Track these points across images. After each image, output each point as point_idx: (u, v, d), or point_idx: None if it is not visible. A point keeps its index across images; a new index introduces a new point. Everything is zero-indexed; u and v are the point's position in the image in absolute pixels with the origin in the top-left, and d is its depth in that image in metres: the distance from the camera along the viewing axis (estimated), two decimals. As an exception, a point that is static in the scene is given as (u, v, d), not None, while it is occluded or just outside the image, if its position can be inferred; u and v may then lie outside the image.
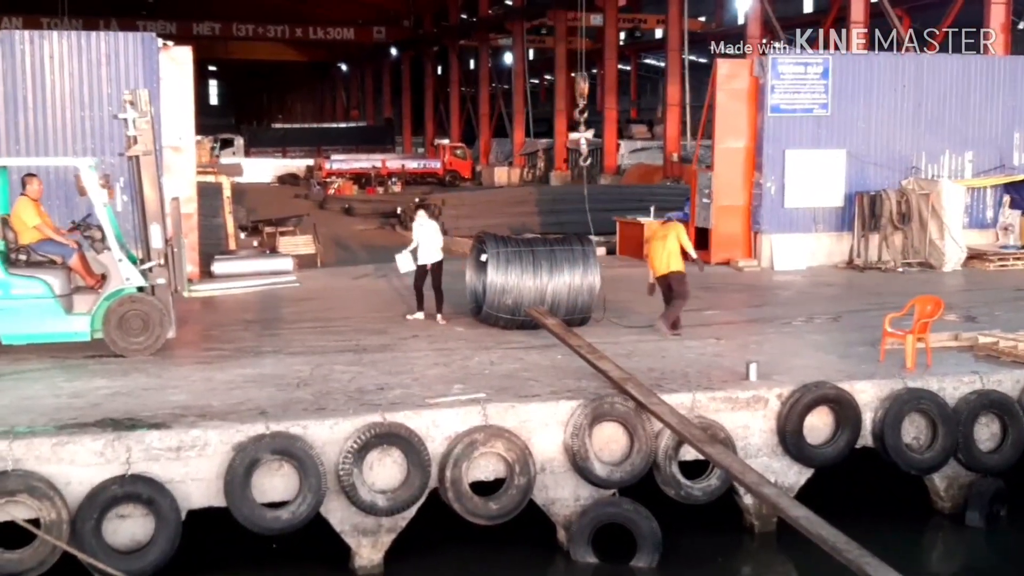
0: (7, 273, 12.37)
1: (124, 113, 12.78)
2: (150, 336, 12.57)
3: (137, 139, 12.71)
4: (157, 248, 12.73)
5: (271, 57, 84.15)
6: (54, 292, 12.41)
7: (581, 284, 14.20)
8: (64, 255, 12.80)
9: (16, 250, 12.65)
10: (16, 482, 8.85)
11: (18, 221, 12.79)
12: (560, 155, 53.20)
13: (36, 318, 12.34)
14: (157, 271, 12.73)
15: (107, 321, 12.45)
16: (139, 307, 12.55)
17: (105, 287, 12.59)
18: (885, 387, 11.44)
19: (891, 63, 22.07)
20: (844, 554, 8.09)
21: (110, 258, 12.62)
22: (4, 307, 12.25)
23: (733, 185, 21.39)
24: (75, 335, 12.54)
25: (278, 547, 10.22)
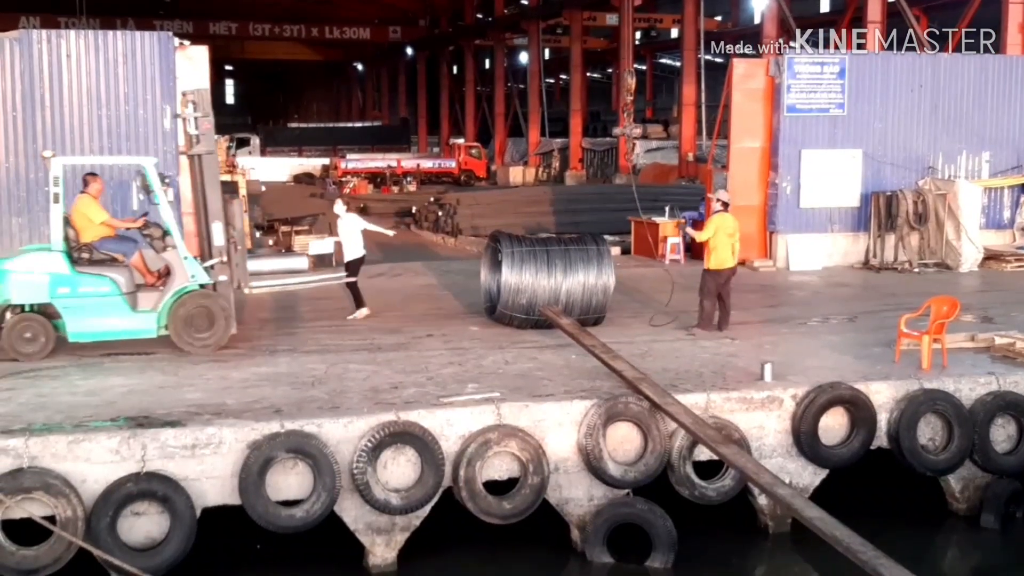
0: (74, 271, 12.44)
1: (184, 112, 12.89)
2: (214, 333, 12.72)
3: (199, 138, 12.84)
4: (219, 246, 12.85)
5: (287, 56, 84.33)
6: (120, 289, 12.53)
7: (596, 284, 14.18)
8: (125, 252, 12.94)
9: (78, 248, 12.73)
10: (32, 479, 8.89)
11: (81, 219, 12.86)
12: (575, 155, 53.17)
13: (103, 315, 12.46)
14: (219, 268, 12.86)
15: (174, 318, 12.60)
16: (204, 304, 12.68)
17: (169, 284, 12.70)
18: (901, 388, 11.40)
19: (908, 63, 21.98)
20: (859, 555, 8.06)
21: (174, 256, 12.74)
22: (72, 305, 12.34)
23: (749, 185, 21.33)
24: (141, 332, 12.67)
25: (292, 545, 10.24)
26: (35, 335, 12.32)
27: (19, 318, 12.32)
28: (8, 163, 17.32)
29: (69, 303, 12.33)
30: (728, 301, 14.29)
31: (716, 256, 14.11)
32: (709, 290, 14.12)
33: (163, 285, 12.82)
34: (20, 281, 12.30)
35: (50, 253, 12.44)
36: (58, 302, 12.32)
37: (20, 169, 17.37)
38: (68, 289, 12.33)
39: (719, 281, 14.13)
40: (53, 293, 12.30)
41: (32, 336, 12.31)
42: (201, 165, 12.95)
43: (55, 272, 12.32)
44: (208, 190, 12.89)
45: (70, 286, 12.35)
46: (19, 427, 9.40)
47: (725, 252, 14.14)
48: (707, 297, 14.14)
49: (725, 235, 14.14)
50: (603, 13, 55.74)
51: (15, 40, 17.33)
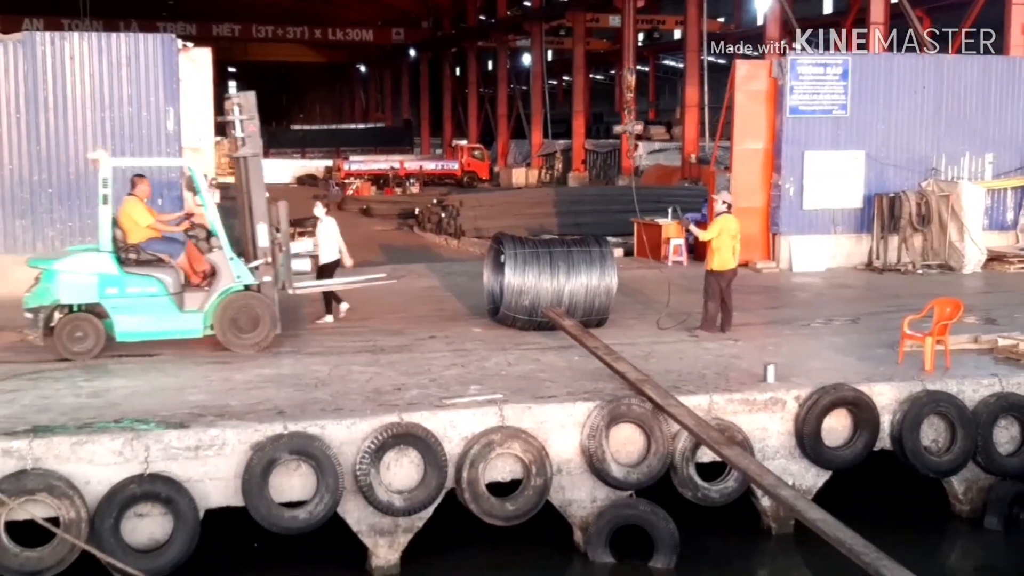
0: (122, 272, 12.57)
1: (231, 116, 13.02)
2: (260, 333, 12.86)
3: (245, 141, 12.97)
4: (263, 247, 12.97)
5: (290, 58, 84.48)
6: (168, 290, 12.67)
7: (598, 285, 14.18)
8: (172, 253, 13.06)
9: (125, 249, 12.85)
10: (36, 481, 8.91)
11: (128, 220, 13.01)
12: (578, 156, 53.17)
13: (150, 315, 12.62)
14: (263, 269, 12.96)
15: (220, 318, 12.74)
16: (250, 304, 12.83)
17: (215, 285, 12.82)
18: (904, 389, 11.39)
19: (911, 64, 21.97)
20: (861, 557, 8.06)
21: (220, 256, 12.88)
22: (120, 305, 12.50)
23: (751, 186, 21.32)
24: (188, 332, 12.81)
25: (295, 547, 10.25)
26: (85, 335, 12.47)
27: (69, 318, 12.46)
28: (12, 165, 17.34)
29: (117, 303, 12.49)
30: (730, 302, 14.30)
31: (719, 257, 14.11)
32: (713, 292, 14.12)
33: (208, 286, 12.94)
34: (69, 281, 12.43)
35: (98, 254, 12.59)
36: (107, 302, 12.48)
37: (24, 171, 17.39)
38: (116, 289, 12.50)
39: (722, 283, 14.13)
40: (102, 293, 12.46)
41: (82, 336, 12.46)
42: (247, 167, 13.10)
43: (104, 272, 12.48)
44: (253, 192, 13.04)
45: (118, 286, 12.51)
46: (23, 428, 9.41)
47: (728, 253, 14.15)
48: (711, 299, 14.14)
49: (728, 236, 14.14)
50: (606, 15, 55.74)
51: (19, 42, 17.35)
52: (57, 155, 17.49)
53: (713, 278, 14.12)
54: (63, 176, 17.55)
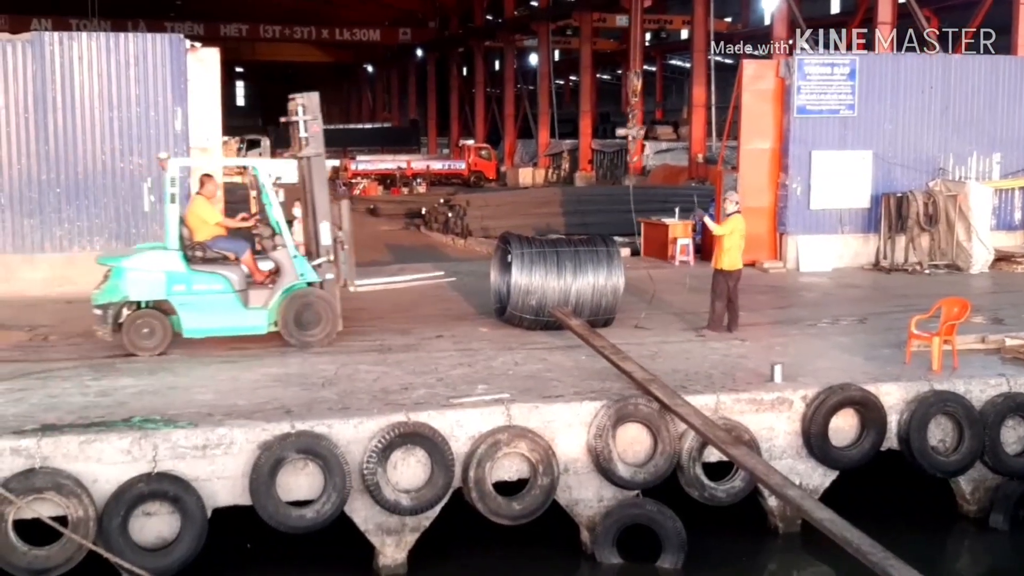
0: (189, 269, 12.80)
1: (295, 116, 13.22)
2: (323, 329, 13.09)
3: (308, 141, 13.19)
4: (326, 245, 13.21)
5: (297, 58, 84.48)
6: (233, 287, 12.93)
7: (605, 285, 14.19)
8: (237, 251, 13.27)
9: (192, 247, 13.05)
10: (44, 479, 8.93)
11: (195, 219, 13.25)
12: (585, 156, 53.15)
13: (216, 312, 12.87)
14: (326, 267, 13.19)
15: (284, 315, 12.98)
16: (313, 301, 13.08)
17: (279, 282, 13.04)
18: (911, 389, 11.38)
19: (919, 64, 21.94)
20: (868, 556, 8.06)
21: (284, 254, 13.09)
22: (187, 302, 12.75)
23: (758, 186, 21.31)
24: (252, 328, 13.04)
25: (303, 546, 10.27)
26: (152, 331, 12.69)
27: (137, 314, 12.69)
28: (20, 164, 17.39)
29: (184, 300, 12.74)
30: (737, 302, 14.29)
31: (730, 257, 14.10)
32: (720, 291, 14.11)
33: (272, 283, 13.14)
34: (137, 278, 12.66)
35: (166, 251, 12.83)
36: (174, 299, 12.72)
37: (32, 171, 17.45)
38: (183, 286, 12.75)
39: (730, 283, 14.12)
40: (169, 290, 12.70)
41: (150, 332, 12.69)
42: (310, 167, 13.32)
43: (171, 270, 12.72)
44: (316, 191, 13.26)
45: (185, 283, 12.76)
46: (31, 427, 9.44)
47: (738, 253, 14.15)
48: (719, 299, 14.13)
49: (739, 236, 14.15)
50: (613, 14, 55.69)
51: (27, 42, 17.41)
52: (65, 155, 17.55)
53: (722, 277, 14.11)
54: (71, 176, 17.61)
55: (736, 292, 14.24)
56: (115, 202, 17.83)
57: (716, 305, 14.17)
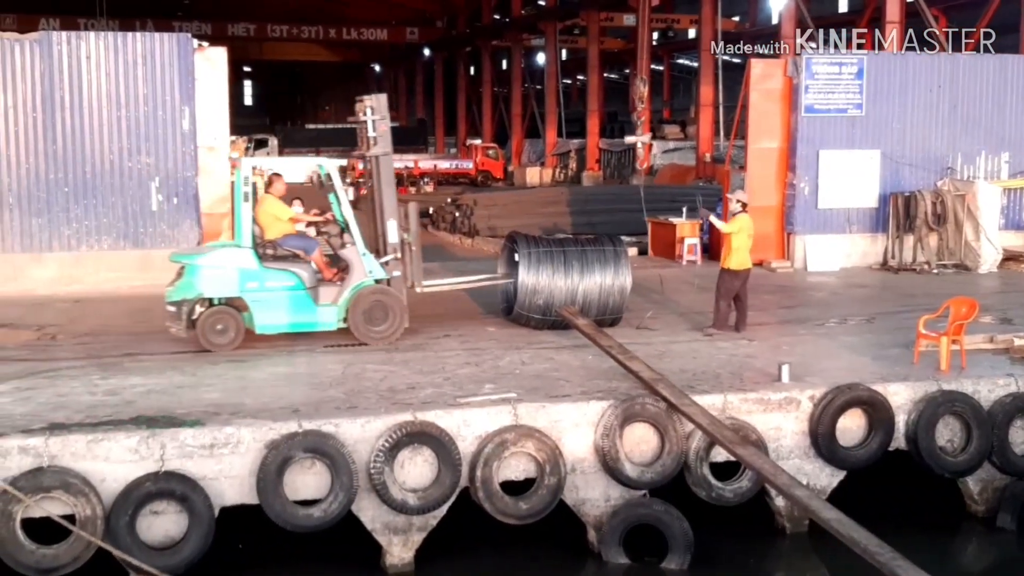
0: (262, 267, 13.04)
1: (364, 116, 13.46)
2: (391, 325, 13.34)
3: (377, 140, 13.43)
4: (393, 243, 13.44)
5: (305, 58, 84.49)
6: (304, 284, 13.22)
7: (612, 285, 14.18)
8: (307, 249, 13.50)
9: (263, 245, 13.29)
10: (52, 478, 8.94)
11: (266, 216, 13.45)
12: (592, 155, 53.11)
13: (288, 309, 13.16)
14: (393, 264, 13.41)
15: (353, 311, 13.25)
16: (382, 298, 13.37)
17: (348, 279, 13.31)
18: (919, 389, 11.36)
19: (927, 63, 21.88)
20: (876, 557, 8.04)
21: (353, 252, 13.39)
22: (260, 299, 13.02)
23: (766, 185, 21.29)
24: (323, 325, 13.33)
25: (309, 545, 10.28)
26: (226, 327, 12.90)
27: (212, 311, 12.91)
28: (28, 164, 17.44)
29: (257, 297, 13.00)
30: (746, 302, 14.26)
31: (738, 257, 14.07)
32: (727, 291, 14.08)
33: (341, 280, 13.37)
34: (212, 276, 12.91)
35: (239, 249, 13.05)
36: (247, 296, 12.98)
37: (40, 170, 17.49)
38: (256, 284, 13.01)
39: (737, 282, 14.09)
40: (242, 287, 12.95)
41: (223, 328, 12.90)
42: (378, 166, 13.56)
43: (244, 268, 12.97)
44: (384, 189, 13.50)
45: (258, 281, 13.02)
46: (39, 426, 9.46)
47: (746, 253, 14.12)
48: (724, 298, 14.11)
49: (746, 236, 14.12)
50: (620, 14, 55.63)
51: (35, 41, 17.47)
52: (73, 154, 17.60)
53: (729, 277, 14.08)
54: (79, 175, 17.66)
55: (745, 292, 14.22)
56: (123, 201, 17.87)
57: (720, 304, 14.15)
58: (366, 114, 13.51)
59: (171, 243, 18.01)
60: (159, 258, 17.82)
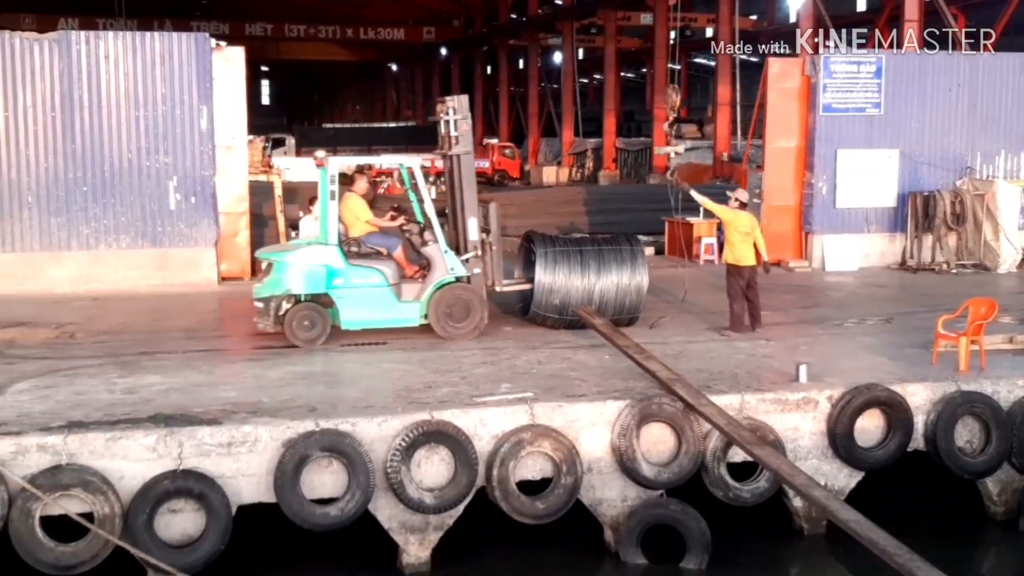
0: (348, 264, 13.31)
1: (445, 116, 13.69)
2: (471, 322, 13.55)
3: (458, 139, 13.65)
4: (473, 240, 13.62)
5: (322, 57, 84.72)
6: (388, 281, 13.48)
7: (629, 284, 14.16)
8: (390, 247, 13.78)
9: (347, 242, 13.57)
10: (70, 476, 8.98)
11: (349, 215, 13.76)
12: (609, 155, 53.07)
13: (372, 305, 13.44)
14: (473, 262, 13.60)
15: (435, 308, 13.49)
16: (463, 295, 13.58)
17: (430, 276, 13.60)
18: (938, 390, 11.30)
19: (945, 62, 21.75)
20: (895, 558, 8.01)
21: (435, 250, 13.61)
22: (345, 295, 13.29)
23: (784, 185, 21.23)
24: (405, 321, 13.62)
25: (326, 544, 10.30)
26: (312, 323, 13.17)
27: (299, 307, 13.17)
28: (47, 163, 17.52)
29: (343, 293, 13.28)
30: (757, 301, 14.18)
31: (732, 252, 14.06)
32: (734, 290, 14.02)
33: (422, 277, 13.65)
34: (300, 273, 13.18)
35: (326, 247, 13.34)
36: (333, 292, 13.26)
37: (59, 169, 17.57)
38: (342, 280, 13.29)
39: (740, 280, 14.02)
40: (329, 284, 13.23)
41: (310, 324, 13.16)
42: (459, 165, 13.79)
43: (331, 265, 13.23)
44: (465, 188, 13.72)
45: (344, 278, 13.30)
46: (58, 424, 9.50)
47: (741, 249, 14.02)
48: (734, 298, 14.04)
49: (738, 232, 14.03)
50: (637, 13, 55.61)
51: (54, 41, 17.55)
52: (92, 153, 17.67)
53: (730, 274, 14.04)
54: (98, 174, 17.73)
55: (754, 291, 14.14)
56: (141, 200, 17.94)
57: (733, 305, 14.08)
58: (447, 114, 13.71)
59: (188, 242, 18.11)
60: (177, 257, 18.05)
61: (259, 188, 21.73)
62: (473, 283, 13.69)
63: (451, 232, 13.95)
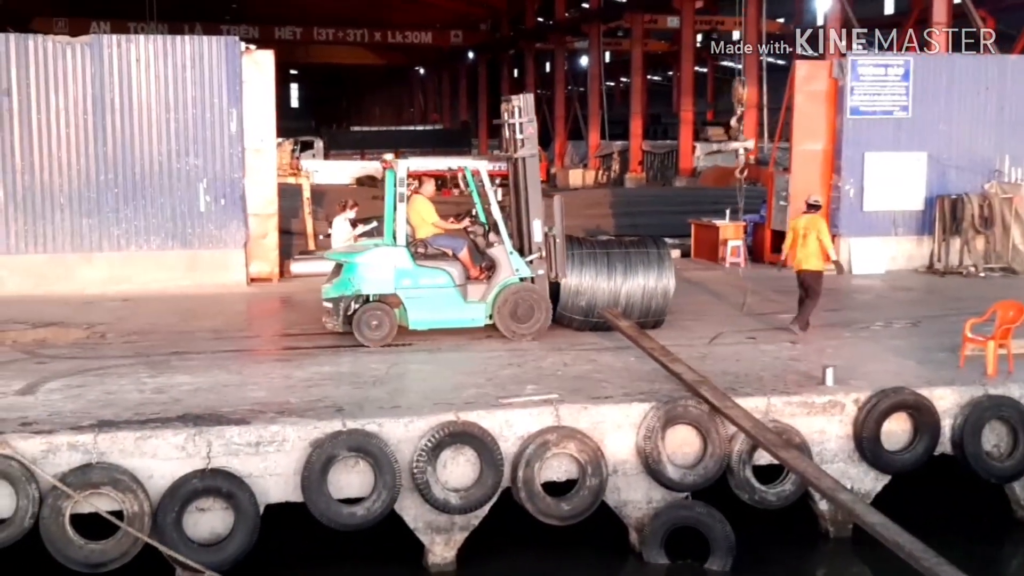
0: (415, 265, 13.55)
1: (512, 119, 13.82)
2: (536, 322, 13.71)
3: (524, 142, 13.79)
4: (538, 242, 13.75)
5: (350, 61, 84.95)
6: (454, 282, 13.71)
7: (656, 287, 14.17)
8: (455, 248, 13.98)
9: (414, 243, 13.83)
10: (100, 474, 9.09)
11: (416, 217, 14.07)
12: (635, 157, 52.98)
13: (440, 306, 13.70)
14: (537, 263, 13.81)
15: (500, 308, 13.66)
16: (528, 296, 13.73)
17: (495, 277, 13.77)
18: (965, 394, 11.26)
19: (973, 65, 21.65)
20: (921, 562, 8.00)
21: (501, 251, 13.80)
22: (413, 296, 13.55)
23: (810, 188, 21.02)
24: (471, 321, 13.85)
25: (353, 544, 10.36)
26: (380, 323, 13.44)
27: (367, 307, 13.45)
28: (79, 165, 17.70)
29: (411, 294, 13.54)
30: (808, 304, 14.23)
31: (795, 254, 14.21)
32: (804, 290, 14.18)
33: (487, 278, 13.84)
34: (369, 274, 13.47)
35: (395, 248, 13.57)
36: (401, 293, 13.52)
37: (90, 171, 17.75)
38: (410, 281, 13.55)
39: (799, 280, 14.21)
40: (398, 284, 13.50)
41: (378, 324, 13.43)
42: (525, 167, 13.91)
43: (399, 266, 13.50)
44: (530, 190, 13.84)
45: (412, 278, 13.56)
46: (88, 423, 9.61)
47: (801, 252, 14.20)
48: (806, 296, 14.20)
49: (793, 233, 14.22)
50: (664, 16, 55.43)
51: (86, 44, 17.73)
52: (123, 155, 17.84)
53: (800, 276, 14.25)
54: (128, 176, 17.90)
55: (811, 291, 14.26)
56: (171, 202, 18.10)
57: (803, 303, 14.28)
58: (514, 116, 13.82)
59: (218, 244, 18.25)
60: (206, 258, 18.20)
61: (287, 191, 21.87)
62: (537, 283, 13.82)
63: (514, 233, 14.06)
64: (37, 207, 17.58)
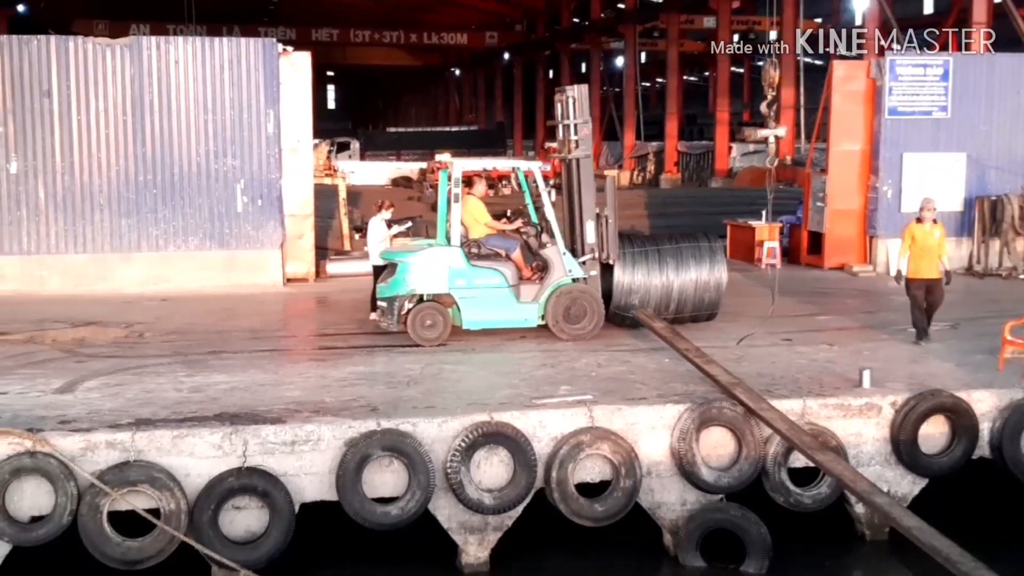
0: (469, 265, 13.64)
1: (566, 120, 13.90)
2: (588, 322, 13.73)
3: (579, 143, 13.88)
4: (590, 243, 13.83)
5: (386, 62, 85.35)
6: (508, 282, 13.79)
7: (708, 280, 14.24)
8: (508, 249, 14.05)
9: (467, 244, 13.89)
10: (138, 472, 9.17)
11: (469, 218, 14.07)
12: (670, 158, 52.83)
13: (492, 306, 13.77)
14: (590, 264, 13.87)
15: (553, 309, 13.72)
16: (580, 297, 13.77)
17: (548, 278, 13.83)
18: (1004, 397, 11.14)
19: (1014, 64, 21.41)
20: (958, 566, 7.92)
21: (554, 252, 13.86)
22: (467, 295, 13.65)
23: (848, 189, 21.02)
24: (524, 322, 13.92)
25: (387, 543, 10.39)
26: (434, 322, 13.54)
27: (421, 307, 13.56)
28: (118, 166, 17.91)
29: (465, 294, 13.63)
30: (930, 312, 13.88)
31: (910, 265, 13.89)
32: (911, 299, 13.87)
33: (539, 279, 13.89)
34: (423, 273, 13.55)
35: (449, 248, 13.68)
36: (455, 292, 13.61)
37: (129, 172, 17.95)
38: (464, 281, 13.63)
39: (916, 290, 13.81)
40: (452, 284, 13.59)
41: (432, 323, 13.53)
42: (579, 168, 13.94)
43: (453, 266, 13.59)
44: (584, 191, 13.88)
45: (466, 278, 13.64)
46: (126, 421, 9.71)
47: (916, 262, 13.89)
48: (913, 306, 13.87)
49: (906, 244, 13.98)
50: (700, 16, 55.23)
51: (126, 46, 17.93)
52: (162, 156, 18.03)
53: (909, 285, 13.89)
54: (167, 177, 18.08)
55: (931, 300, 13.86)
56: (209, 203, 18.26)
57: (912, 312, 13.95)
58: (568, 111, 13.85)
59: (255, 244, 18.40)
60: (243, 258, 18.36)
61: (323, 191, 21.98)
62: (589, 284, 13.83)
63: (566, 234, 14.08)
64: (77, 207, 17.80)
